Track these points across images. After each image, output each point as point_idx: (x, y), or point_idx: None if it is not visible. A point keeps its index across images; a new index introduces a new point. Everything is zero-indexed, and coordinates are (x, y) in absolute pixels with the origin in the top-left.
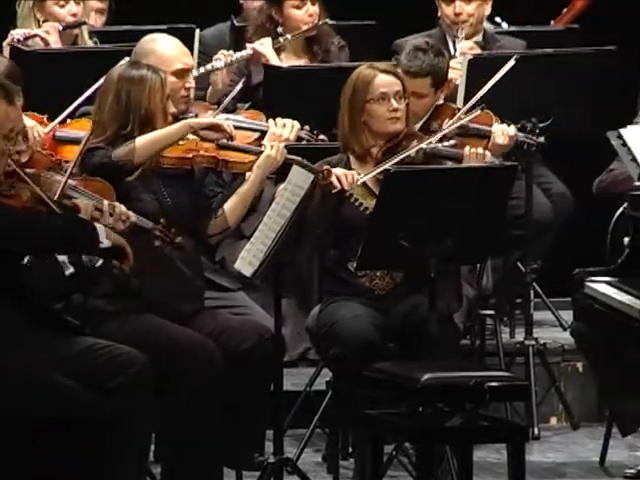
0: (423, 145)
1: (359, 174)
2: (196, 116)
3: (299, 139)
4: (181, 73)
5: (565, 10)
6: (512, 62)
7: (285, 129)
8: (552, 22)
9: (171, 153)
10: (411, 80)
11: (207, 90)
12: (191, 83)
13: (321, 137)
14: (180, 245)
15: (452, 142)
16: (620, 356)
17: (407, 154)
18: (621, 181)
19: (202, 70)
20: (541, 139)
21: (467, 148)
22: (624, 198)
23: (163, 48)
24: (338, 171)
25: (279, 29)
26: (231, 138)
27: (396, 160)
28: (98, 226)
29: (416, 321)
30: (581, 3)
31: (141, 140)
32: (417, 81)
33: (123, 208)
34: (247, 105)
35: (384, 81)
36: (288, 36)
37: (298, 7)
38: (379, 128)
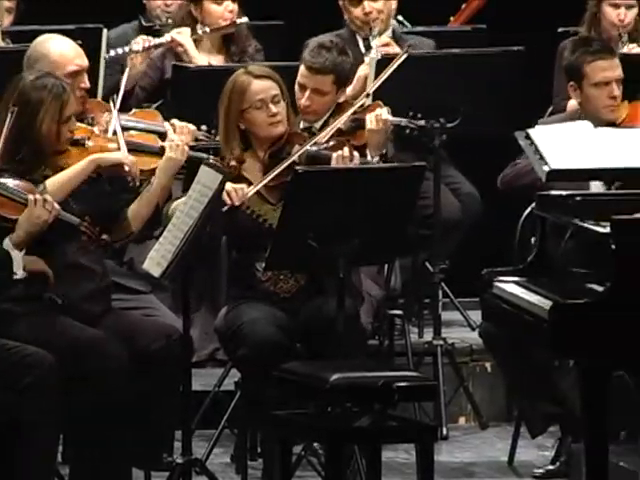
0: (307, 147)
1: (248, 185)
2: (92, 119)
3: (197, 141)
4: (75, 74)
5: (463, 7)
6: (404, 55)
7: (181, 133)
8: (451, 18)
9: (77, 161)
10: (313, 76)
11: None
12: (86, 83)
13: (218, 138)
14: (106, 242)
15: (331, 143)
16: (528, 356)
17: (292, 160)
18: (525, 174)
19: (119, 51)
20: (421, 122)
21: (335, 154)
22: (530, 196)
23: (56, 50)
24: (227, 186)
25: (198, 26)
26: (133, 180)
27: (282, 167)
28: (14, 255)
29: (322, 321)
30: (473, 6)
31: (52, 185)
32: (319, 78)
33: (48, 197)
34: (155, 105)
35: (259, 87)
36: (207, 29)
37: (217, 3)
38: (262, 134)
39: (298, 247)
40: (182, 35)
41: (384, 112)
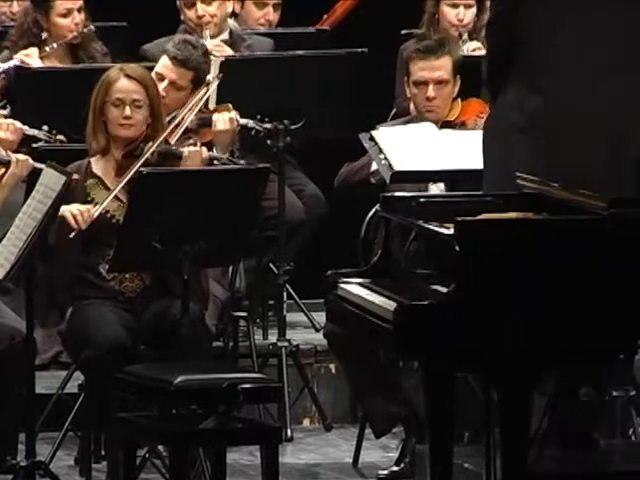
0: (155, 146)
1: (95, 205)
2: None
3: (36, 140)
4: None
5: (326, 15)
6: (210, 91)
7: (7, 130)
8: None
9: None
10: (176, 68)
11: None
12: None
13: (59, 137)
14: None
15: (191, 140)
16: (372, 357)
17: (144, 159)
18: (358, 170)
19: None
20: (267, 125)
21: (186, 148)
22: (365, 191)
23: None
24: (73, 209)
25: (44, 34)
26: None
27: (134, 169)
28: None
29: (167, 323)
30: (342, 9)
31: None
32: (181, 71)
33: None
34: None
35: (124, 86)
36: (54, 45)
37: (65, 15)
38: (112, 131)
39: (142, 248)
40: (31, 58)
41: (232, 114)
